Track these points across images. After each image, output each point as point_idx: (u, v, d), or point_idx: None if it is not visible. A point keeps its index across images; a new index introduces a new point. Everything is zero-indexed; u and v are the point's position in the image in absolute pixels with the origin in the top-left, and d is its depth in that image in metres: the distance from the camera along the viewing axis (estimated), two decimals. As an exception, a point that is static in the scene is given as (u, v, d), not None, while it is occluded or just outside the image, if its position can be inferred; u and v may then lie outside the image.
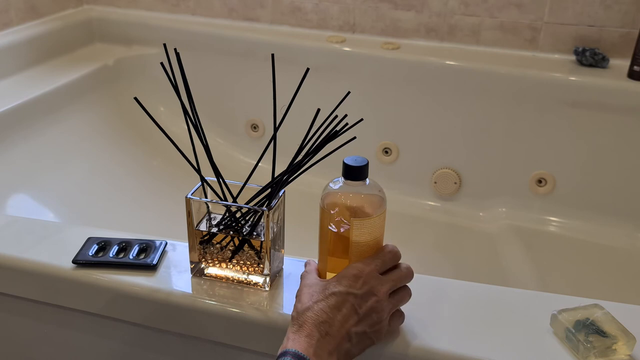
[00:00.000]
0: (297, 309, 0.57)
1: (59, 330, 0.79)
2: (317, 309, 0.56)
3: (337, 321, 0.55)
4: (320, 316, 0.55)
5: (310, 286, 0.59)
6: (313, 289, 0.58)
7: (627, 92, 1.25)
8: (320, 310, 0.55)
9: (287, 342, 0.54)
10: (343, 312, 0.56)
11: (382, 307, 0.58)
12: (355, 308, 0.56)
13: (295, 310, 0.57)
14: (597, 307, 0.62)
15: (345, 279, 0.57)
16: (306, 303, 0.57)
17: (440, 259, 1.34)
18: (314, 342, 0.53)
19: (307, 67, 0.64)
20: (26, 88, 1.28)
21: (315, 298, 0.57)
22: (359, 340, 0.56)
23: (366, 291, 0.57)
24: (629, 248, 1.30)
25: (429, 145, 1.44)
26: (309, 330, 0.54)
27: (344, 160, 0.59)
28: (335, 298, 0.56)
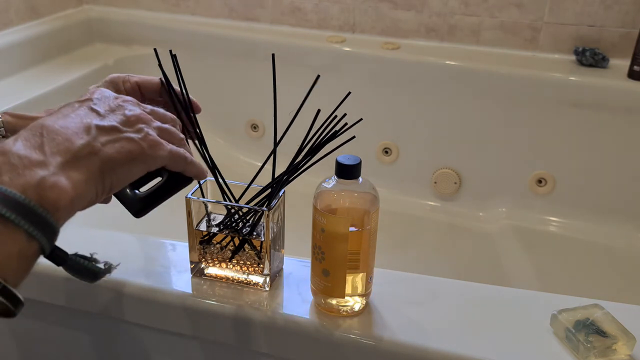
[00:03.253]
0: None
1: (58, 330, 0.79)
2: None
3: (61, 118, 0.45)
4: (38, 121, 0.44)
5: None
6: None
7: (627, 92, 1.25)
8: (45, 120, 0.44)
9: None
10: (75, 111, 0.46)
11: (135, 108, 0.49)
12: (94, 109, 0.47)
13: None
14: (597, 307, 0.62)
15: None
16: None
17: (440, 259, 1.34)
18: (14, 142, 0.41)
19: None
20: (26, 88, 1.28)
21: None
22: (108, 137, 0.45)
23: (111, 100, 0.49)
24: (629, 248, 1.30)
25: (429, 145, 1.44)
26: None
27: (337, 159, 0.59)
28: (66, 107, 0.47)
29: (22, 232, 0.38)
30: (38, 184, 0.39)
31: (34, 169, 0.39)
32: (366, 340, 0.61)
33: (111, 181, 0.45)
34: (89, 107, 0.48)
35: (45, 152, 0.41)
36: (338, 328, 0.62)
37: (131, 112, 0.49)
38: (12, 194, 0.38)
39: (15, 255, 0.38)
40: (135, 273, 0.70)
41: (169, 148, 0.49)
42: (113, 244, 0.75)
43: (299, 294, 0.67)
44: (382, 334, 0.61)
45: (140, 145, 0.46)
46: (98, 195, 0.44)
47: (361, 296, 0.63)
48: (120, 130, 0.46)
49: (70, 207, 0.41)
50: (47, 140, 0.42)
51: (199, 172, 0.53)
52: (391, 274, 0.70)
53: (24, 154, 0.40)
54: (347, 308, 0.63)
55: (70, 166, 0.41)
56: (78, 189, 0.41)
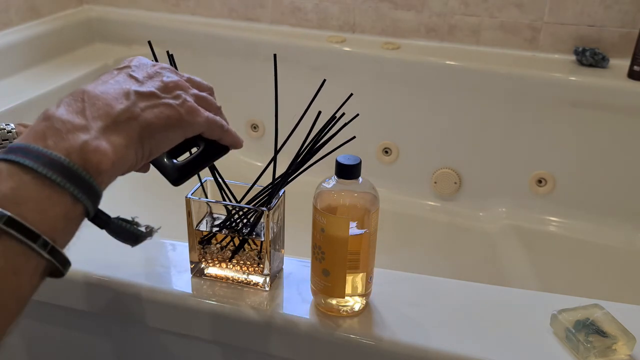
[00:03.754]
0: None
1: (58, 330, 0.79)
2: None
3: (101, 85, 0.45)
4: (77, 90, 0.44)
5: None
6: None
7: (627, 92, 1.25)
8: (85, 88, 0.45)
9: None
10: (114, 78, 0.47)
11: (172, 75, 0.50)
12: (133, 75, 0.48)
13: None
14: (597, 307, 0.62)
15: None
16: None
17: (440, 259, 1.34)
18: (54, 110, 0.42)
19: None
20: (26, 88, 1.28)
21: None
22: (147, 102, 0.46)
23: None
24: (629, 248, 1.30)
25: (429, 145, 1.44)
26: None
27: (337, 159, 0.59)
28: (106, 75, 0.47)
29: (68, 195, 0.39)
30: (81, 148, 0.40)
31: (76, 133, 0.40)
32: (366, 340, 0.61)
33: (150, 146, 0.45)
34: (127, 74, 0.48)
35: (86, 117, 0.42)
36: (338, 328, 0.62)
37: (169, 79, 0.49)
38: (57, 157, 0.39)
39: (62, 217, 0.39)
40: (135, 273, 0.70)
41: (206, 115, 0.50)
42: (113, 244, 0.75)
43: (299, 294, 0.67)
44: (382, 334, 0.61)
45: (178, 111, 0.47)
46: (138, 160, 0.45)
47: (361, 296, 0.63)
48: (158, 97, 0.47)
49: (112, 171, 0.42)
50: (88, 105, 0.43)
51: (235, 140, 0.54)
52: (391, 274, 0.70)
53: (66, 118, 0.41)
54: (347, 308, 0.63)
55: (110, 130, 0.42)
56: (119, 153, 0.42)
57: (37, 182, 0.38)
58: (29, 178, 0.38)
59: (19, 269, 0.37)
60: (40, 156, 0.38)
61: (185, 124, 0.48)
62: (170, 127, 0.46)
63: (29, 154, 0.38)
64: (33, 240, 0.37)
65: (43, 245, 0.37)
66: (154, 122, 0.45)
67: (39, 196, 0.38)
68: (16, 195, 0.37)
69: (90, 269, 0.70)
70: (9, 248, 0.36)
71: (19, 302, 0.38)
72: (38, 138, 0.40)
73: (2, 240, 0.36)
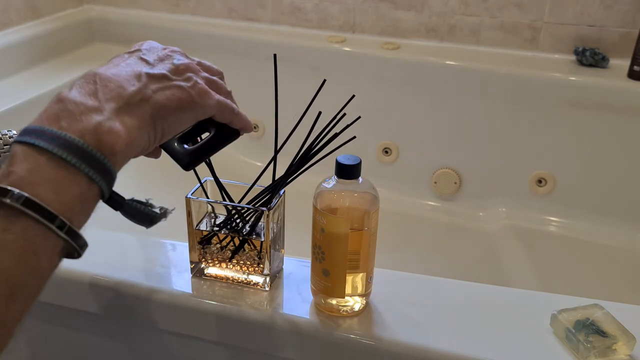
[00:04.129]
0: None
1: (57, 330, 0.79)
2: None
3: (112, 67, 0.46)
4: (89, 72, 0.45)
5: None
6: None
7: (627, 92, 1.25)
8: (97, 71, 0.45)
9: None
10: (125, 61, 0.47)
11: (183, 58, 0.50)
12: (143, 58, 0.48)
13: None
14: (597, 307, 0.62)
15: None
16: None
17: (440, 259, 1.34)
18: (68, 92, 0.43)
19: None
20: (26, 88, 1.28)
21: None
22: (158, 84, 0.46)
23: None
24: (629, 248, 1.30)
25: (429, 145, 1.44)
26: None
27: (337, 159, 0.59)
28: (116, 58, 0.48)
29: (83, 176, 0.39)
30: (95, 129, 0.40)
31: (90, 114, 0.41)
32: (366, 340, 0.61)
33: (162, 128, 0.45)
34: (138, 57, 0.49)
35: (99, 99, 0.42)
36: (338, 328, 0.62)
37: (180, 61, 0.49)
38: (71, 139, 0.39)
39: (77, 198, 0.39)
40: (135, 273, 0.70)
41: (217, 98, 0.50)
42: (113, 244, 0.75)
43: (299, 294, 0.67)
44: (382, 334, 0.61)
45: (189, 93, 0.47)
46: (150, 142, 0.45)
47: (361, 296, 0.63)
48: (169, 79, 0.47)
49: (125, 152, 0.42)
50: (101, 87, 0.43)
51: (245, 124, 0.54)
52: (391, 274, 0.70)
53: (79, 100, 0.41)
54: (347, 308, 0.63)
55: (123, 112, 0.42)
56: (132, 134, 0.42)
57: (53, 163, 0.38)
58: (44, 159, 0.38)
59: (38, 249, 0.37)
60: (54, 138, 0.39)
61: (196, 106, 0.48)
62: (181, 109, 0.46)
63: (43, 136, 0.39)
64: (50, 221, 0.37)
65: (60, 226, 0.38)
66: (166, 104, 0.45)
67: (54, 177, 0.38)
68: (32, 176, 0.37)
69: (90, 269, 0.70)
70: (28, 228, 0.36)
71: (39, 282, 0.38)
72: (52, 120, 0.40)
73: (21, 221, 0.36)
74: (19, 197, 0.36)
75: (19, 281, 0.36)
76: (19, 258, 0.36)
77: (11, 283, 0.36)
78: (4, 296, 0.35)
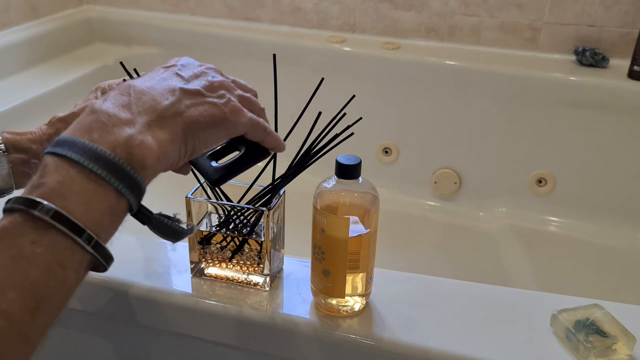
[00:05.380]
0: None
1: (57, 330, 0.79)
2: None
3: (147, 80, 0.46)
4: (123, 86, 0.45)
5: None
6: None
7: (627, 92, 1.25)
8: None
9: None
10: (160, 75, 0.47)
11: (218, 75, 0.50)
12: (179, 74, 0.48)
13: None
14: (597, 307, 0.62)
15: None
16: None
17: (440, 259, 1.34)
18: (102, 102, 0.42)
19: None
20: (26, 88, 1.28)
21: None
22: (192, 100, 0.46)
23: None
24: (629, 248, 1.30)
25: (429, 145, 1.44)
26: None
27: (337, 159, 0.59)
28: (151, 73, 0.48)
29: (112, 190, 0.39)
30: (126, 142, 0.40)
31: (122, 127, 0.41)
32: (366, 340, 0.61)
33: (193, 144, 0.45)
34: (173, 72, 0.49)
35: (132, 111, 0.42)
36: (338, 328, 0.62)
37: (214, 79, 0.49)
38: (102, 152, 0.39)
39: (106, 212, 0.39)
40: (135, 273, 0.70)
41: (250, 116, 0.50)
42: (113, 244, 0.75)
43: (299, 294, 0.67)
44: (382, 334, 0.61)
45: (222, 110, 0.47)
46: (180, 157, 0.45)
47: (361, 296, 0.63)
48: (203, 95, 0.47)
49: (156, 166, 0.42)
50: (134, 99, 0.43)
51: (277, 143, 0.54)
52: (391, 274, 0.70)
53: (112, 112, 0.41)
54: (347, 308, 0.63)
55: (155, 125, 0.42)
56: (163, 148, 0.42)
57: (83, 176, 0.38)
58: (75, 172, 0.38)
59: (65, 262, 0.37)
60: (86, 150, 0.39)
61: (229, 124, 0.48)
62: (214, 125, 0.46)
63: (75, 147, 0.39)
64: (78, 235, 0.37)
65: (87, 240, 0.38)
66: (199, 120, 0.45)
67: (84, 190, 0.38)
68: (63, 188, 0.37)
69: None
70: (56, 241, 0.36)
71: (65, 296, 0.38)
72: (84, 131, 0.40)
73: (49, 234, 0.36)
74: (48, 209, 0.36)
75: (45, 294, 0.36)
76: (46, 271, 0.36)
77: (38, 296, 0.36)
78: (29, 309, 0.35)
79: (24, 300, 0.35)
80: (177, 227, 0.47)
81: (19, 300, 0.34)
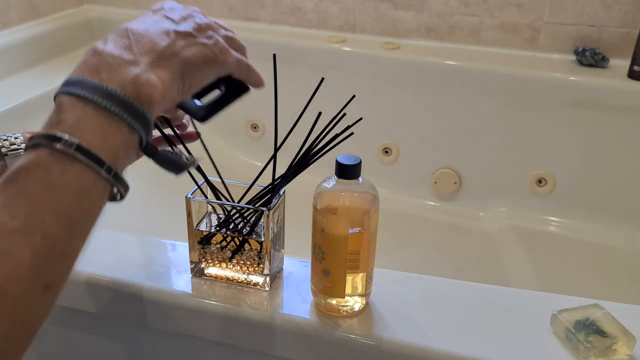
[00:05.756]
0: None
1: (57, 330, 0.79)
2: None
3: (141, 23, 0.48)
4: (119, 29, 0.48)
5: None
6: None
7: (627, 92, 1.25)
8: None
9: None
10: (151, 18, 0.50)
11: (204, 17, 0.52)
12: (168, 16, 0.50)
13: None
14: (597, 307, 0.62)
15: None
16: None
17: (440, 259, 1.34)
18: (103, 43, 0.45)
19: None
20: (26, 88, 1.28)
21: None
22: (185, 41, 0.48)
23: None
24: (629, 248, 1.30)
25: (429, 145, 1.44)
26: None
27: (337, 159, 0.59)
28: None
29: (125, 125, 0.42)
30: (133, 81, 0.43)
31: (127, 67, 0.43)
32: (366, 340, 0.61)
33: (190, 82, 0.48)
34: (163, 15, 0.51)
35: (134, 52, 0.45)
36: (338, 328, 0.62)
37: (202, 21, 0.52)
38: (113, 91, 0.41)
39: (121, 145, 0.42)
40: (135, 273, 0.70)
41: (236, 55, 0.52)
42: (113, 244, 0.76)
43: (299, 294, 0.67)
44: (382, 334, 0.61)
45: (212, 51, 0.49)
46: (179, 95, 0.48)
47: (361, 296, 0.63)
48: (194, 36, 0.49)
49: (161, 103, 0.45)
50: (134, 42, 0.46)
51: (259, 80, 0.56)
52: (391, 274, 0.70)
53: (117, 54, 0.44)
54: (347, 308, 0.63)
55: (157, 65, 0.45)
56: (166, 86, 0.45)
57: (98, 113, 0.41)
58: (90, 109, 0.41)
59: (90, 190, 0.40)
60: (97, 89, 0.41)
61: (219, 63, 0.50)
62: (206, 65, 0.49)
63: (86, 87, 0.41)
64: (100, 166, 0.40)
65: (108, 171, 0.40)
66: (193, 60, 0.48)
67: (100, 125, 0.41)
68: (81, 125, 0.40)
69: (90, 269, 0.70)
70: (80, 173, 0.39)
71: (93, 220, 0.41)
72: (93, 72, 0.42)
73: (74, 166, 0.39)
74: (71, 144, 0.39)
75: (77, 218, 0.39)
76: (76, 198, 0.39)
77: (71, 220, 0.39)
78: (66, 231, 0.38)
79: (61, 224, 0.38)
80: (179, 160, 0.50)
81: (57, 224, 0.37)
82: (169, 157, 0.49)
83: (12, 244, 0.36)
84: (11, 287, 0.35)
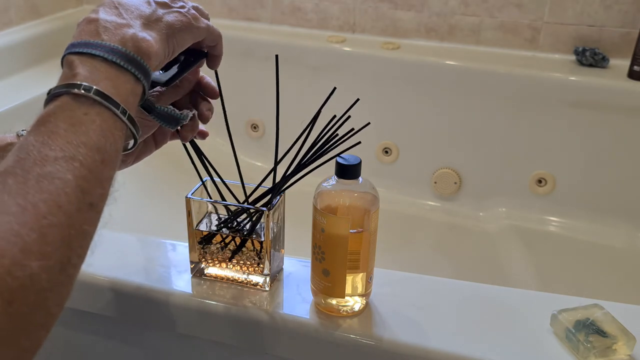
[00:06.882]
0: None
1: (57, 330, 0.78)
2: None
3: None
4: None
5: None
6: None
7: (627, 92, 1.25)
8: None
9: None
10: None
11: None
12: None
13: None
14: (597, 307, 0.62)
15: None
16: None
17: (440, 259, 1.34)
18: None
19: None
20: (26, 88, 1.28)
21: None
22: (164, 9, 0.53)
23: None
24: (629, 248, 1.30)
25: (429, 145, 1.44)
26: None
27: (337, 159, 0.59)
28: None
29: (131, 75, 0.46)
30: (132, 38, 0.47)
31: (123, 28, 0.48)
32: (366, 340, 0.61)
33: (174, 45, 0.53)
34: None
35: (125, 18, 0.49)
36: (338, 328, 0.62)
37: None
38: (116, 47, 0.46)
39: (130, 93, 0.46)
40: (135, 273, 0.70)
41: (206, 22, 0.57)
42: (113, 244, 0.75)
43: (299, 294, 0.67)
44: (382, 334, 0.61)
45: (187, 17, 0.54)
46: (166, 56, 0.52)
47: (361, 296, 0.63)
48: (169, 6, 0.54)
49: (156, 59, 0.49)
50: (123, 10, 0.50)
51: (221, 48, 0.64)
52: (391, 274, 0.70)
53: (111, 19, 0.48)
54: (347, 308, 0.63)
55: (147, 27, 0.50)
56: (158, 44, 0.50)
57: (106, 65, 0.45)
58: (99, 62, 0.45)
59: (112, 129, 0.44)
60: (102, 47, 0.46)
61: (194, 29, 0.55)
62: (184, 30, 0.54)
63: (92, 46, 0.46)
64: (117, 108, 0.44)
65: (123, 113, 0.44)
66: (174, 24, 0.52)
67: (111, 76, 0.45)
68: (93, 75, 0.44)
69: (90, 269, 0.70)
70: (101, 113, 0.43)
71: (117, 156, 0.44)
72: (93, 35, 0.47)
73: (95, 108, 0.43)
74: (89, 88, 0.43)
75: (105, 151, 0.42)
76: (102, 133, 0.42)
77: (101, 151, 0.42)
78: (99, 160, 0.42)
79: (93, 154, 0.41)
80: (175, 114, 0.56)
81: (90, 153, 0.41)
82: (166, 111, 0.55)
83: (57, 168, 0.39)
84: (64, 201, 0.38)
